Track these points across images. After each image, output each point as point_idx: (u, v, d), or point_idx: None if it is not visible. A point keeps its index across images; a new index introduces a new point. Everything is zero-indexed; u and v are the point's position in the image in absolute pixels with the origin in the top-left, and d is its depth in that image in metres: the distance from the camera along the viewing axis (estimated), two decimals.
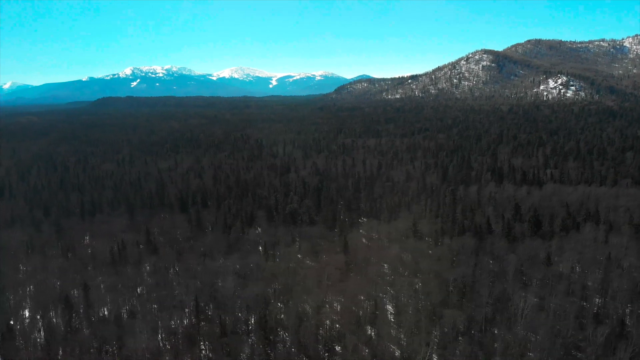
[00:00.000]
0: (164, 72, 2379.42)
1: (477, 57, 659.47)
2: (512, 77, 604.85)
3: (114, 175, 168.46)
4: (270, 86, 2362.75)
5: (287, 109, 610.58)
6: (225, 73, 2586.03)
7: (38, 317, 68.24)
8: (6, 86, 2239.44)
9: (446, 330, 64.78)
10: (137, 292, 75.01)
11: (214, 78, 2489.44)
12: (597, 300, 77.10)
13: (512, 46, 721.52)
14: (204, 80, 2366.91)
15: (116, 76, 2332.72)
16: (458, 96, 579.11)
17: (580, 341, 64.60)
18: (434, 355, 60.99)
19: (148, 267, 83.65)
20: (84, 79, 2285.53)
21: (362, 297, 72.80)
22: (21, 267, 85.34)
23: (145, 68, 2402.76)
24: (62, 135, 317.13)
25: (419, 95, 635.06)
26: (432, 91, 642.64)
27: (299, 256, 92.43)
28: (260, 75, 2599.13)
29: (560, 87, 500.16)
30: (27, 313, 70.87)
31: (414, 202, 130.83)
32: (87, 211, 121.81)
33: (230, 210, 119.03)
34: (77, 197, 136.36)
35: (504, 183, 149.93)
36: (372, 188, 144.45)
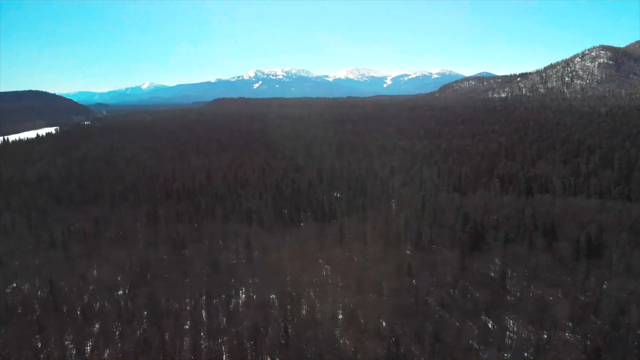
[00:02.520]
0: (283, 74, 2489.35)
1: (593, 53, 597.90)
2: (630, 75, 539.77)
3: (142, 169, 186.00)
4: (385, 85, 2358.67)
5: (377, 108, 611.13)
6: (341, 74, 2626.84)
7: None
8: (145, 86, 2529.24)
9: None
10: None
11: (330, 79, 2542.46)
12: None
13: (636, 42, 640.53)
14: (320, 81, 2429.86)
15: (240, 78, 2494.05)
16: (568, 96, 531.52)
17: None
18: None
19: None
20: (212, 81, 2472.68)
21: None
22: None
23: (267, 70, 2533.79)
24: (149, 132, 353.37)
25: (526, 94, 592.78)
26: (541, 90, 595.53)
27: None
28: (375, 75, 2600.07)
29: None
30: None
31: (381, 206, 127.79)
32: (82, 200, 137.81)
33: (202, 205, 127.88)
34: (94, 187, 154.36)
35: (504, 192, 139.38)
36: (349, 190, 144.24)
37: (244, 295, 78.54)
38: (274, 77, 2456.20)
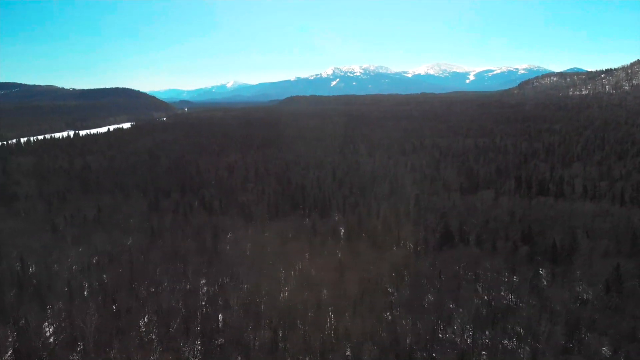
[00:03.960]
0: (361, 71, 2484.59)
1: None
2: None
3: (175, 163, 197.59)
4: (467, 81, 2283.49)
5: (444, 104, 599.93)
6: (421, 70, 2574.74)
7: None
8: (229, 85, 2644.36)
9: None
10: None
11: (409, 75, 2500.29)
12: None
13: None
14: (399, 77, 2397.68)
15: (319, 76, 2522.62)
16: None
17: None
18: None
19: None
20: (292, 79, 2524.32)
21: None
22: None
23: (344, 68, 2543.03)
24: (208, 128, 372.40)
25: (608, 92, 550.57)
26: (625, 87, 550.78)
27: None
28: (457, 71, 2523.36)
29: None
30: None
31: (374, 204, 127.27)
32: (104, 190, 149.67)
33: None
34: (120, 178, 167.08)
35: (511, 193, 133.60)
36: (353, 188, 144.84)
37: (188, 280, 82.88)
38: (351, 75, 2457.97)
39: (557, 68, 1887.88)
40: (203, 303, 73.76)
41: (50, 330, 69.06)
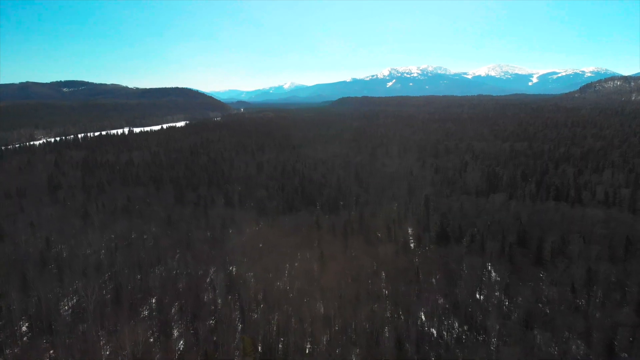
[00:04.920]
0: (418, 72, 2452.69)
1: None
2: None
3: (212, 160, 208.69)
4: (530, 84, 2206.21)
5: (497, 107, 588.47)
6: (482, 71, 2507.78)
7: None
8: (286, 86, 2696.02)
9: None
10: None
11: (469, 76, 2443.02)
12: None
13: None
14: (458, 79, 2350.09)
15: (375, 77, 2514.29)
16: None
17: None
18: None
19: None
20: (347, 80, 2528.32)
21: None
22: None
23: (401, 69, 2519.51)
24: (255, 128, 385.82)
25: None
26: None
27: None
28: (519, 73, 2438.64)
29: None
30: None
31: (385, 204, 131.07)
32: (141, 183, 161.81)
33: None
34: (158, 172, 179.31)
35: (525, 197, 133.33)
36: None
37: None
38: (408, 75, 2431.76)
39: (627, 72, 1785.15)
40: (197, 285, 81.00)
41: (64, 301, 78.70)
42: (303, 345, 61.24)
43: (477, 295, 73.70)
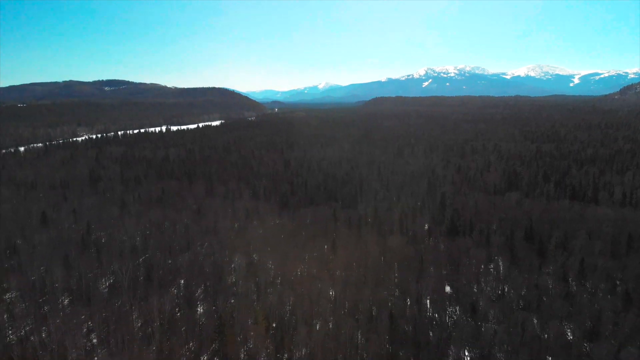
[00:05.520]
0: (455, 71, 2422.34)
1: None
2: None
3: (243, 158, 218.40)
4: (571, 85, 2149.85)
5: (533, 108, 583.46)
6: (521, 71, 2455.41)
7: None
8: (321, 86, 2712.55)
9: None
10: None
11: (508, 77, 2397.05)
12: None
13: None
14: (496, 79, 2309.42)
15: (411, 77, 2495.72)
16: None
17: None
18: None
19: None
20: (382, 80, 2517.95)
21: None
22: None
23: (438, 68, 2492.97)
24: (286, 127, 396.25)
25: None
26: None
27: None
28: (560, 73, 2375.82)
29: None
30: None
31: (402, 199, 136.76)
32: (175, 177, 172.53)
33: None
34: (192, 168, 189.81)
35: (541, 196, 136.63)
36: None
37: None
38: (444, 75, 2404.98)
39: None
40: (222, 269, 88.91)
41: (102, 280, 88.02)
42: (311, 320, 67.94)
43: (476, 282, 78.69)
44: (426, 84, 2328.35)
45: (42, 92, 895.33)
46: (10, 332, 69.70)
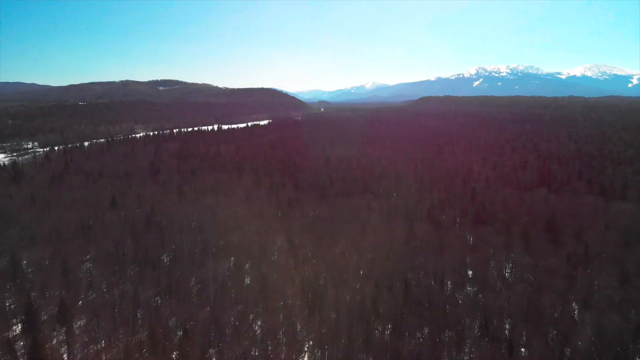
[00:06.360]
0: (508, 71, 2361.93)
1: None
2: None
3: (288, 154, 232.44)
4: (630, 85, 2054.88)
5: (585, 109, 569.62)
6: (577, 71, 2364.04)
7: None
8: (368, 85, 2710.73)
9: None
10: None
11: (563, 77, 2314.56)
12: None
13: None
14: (550, 79, 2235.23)
15: (461, 76, 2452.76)
16: None
17: None
18: None
19: None
20: (432, 79, 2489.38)
21: None
22: None
23: (489, 67, 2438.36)
24: (332, 126, 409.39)
25: None
26: None
27: None
28: (618, 73, 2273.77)
29: None
30: None
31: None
32: (225, 170, 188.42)
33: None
34: (241, 162, 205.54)
35: (570, 192, 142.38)
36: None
37: None
38: (496, 75, 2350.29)
39: None
40: (266, 247, 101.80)
41: (165, 251, 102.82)
42: (340, 288, 79.54)
43: (489, 263, 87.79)
44: (477, 83, 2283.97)
45: (101, 91, 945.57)
46: (91, 291, 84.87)
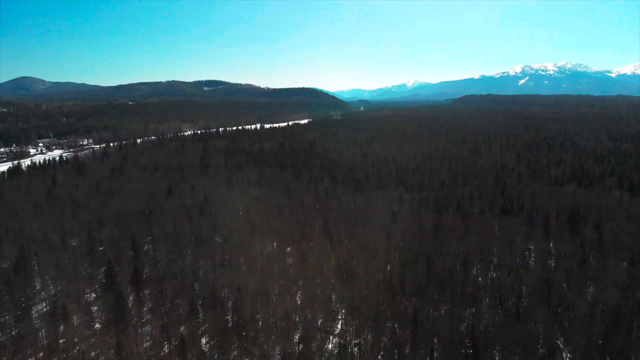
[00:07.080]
0: (555, 69, 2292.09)
1: None
2: None
3: (325, 152, 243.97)
4: None
5: (630, 109, 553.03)
6: (628, 69, 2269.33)
7: None
8: (409, 84, 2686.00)
9: None
10: None
11: (613, 75, 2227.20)
12: None
13: None
14: (599, 77, 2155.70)
15: (506, 74, 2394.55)
16: None
17: None
18: None
19: None
20: (475, 77, 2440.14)
21: None
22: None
23: (535, 65, 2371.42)
24: (371, 125, 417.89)
25: None
26: None
27: None
28: None
29: None
30: None
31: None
32: (268, 165, 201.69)
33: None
34: (279, 158, 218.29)
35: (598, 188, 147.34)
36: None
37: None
38: (543, 73, 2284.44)
39: None
40: (305, 229, 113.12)
41: (216, 234, 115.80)
42: (370, 265, 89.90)
43: (510, 248, 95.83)
44: (522, 81, 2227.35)
45: (148, 91, 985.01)
46: (157, 264, 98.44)
